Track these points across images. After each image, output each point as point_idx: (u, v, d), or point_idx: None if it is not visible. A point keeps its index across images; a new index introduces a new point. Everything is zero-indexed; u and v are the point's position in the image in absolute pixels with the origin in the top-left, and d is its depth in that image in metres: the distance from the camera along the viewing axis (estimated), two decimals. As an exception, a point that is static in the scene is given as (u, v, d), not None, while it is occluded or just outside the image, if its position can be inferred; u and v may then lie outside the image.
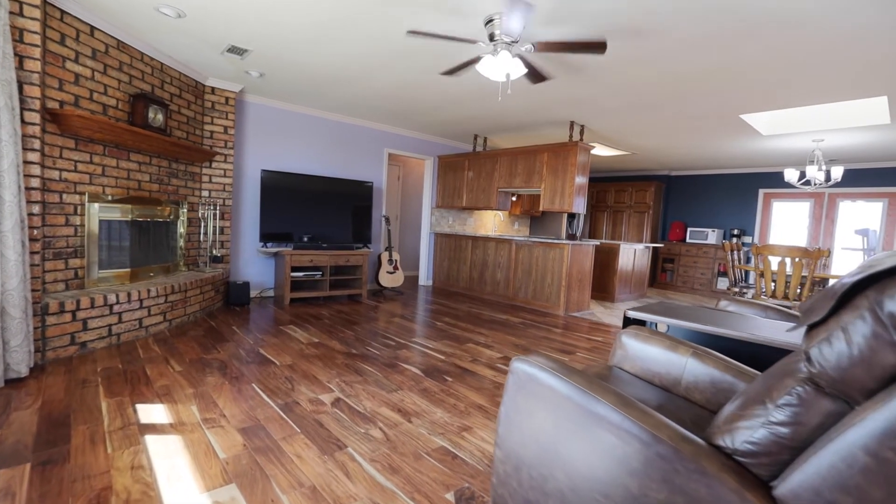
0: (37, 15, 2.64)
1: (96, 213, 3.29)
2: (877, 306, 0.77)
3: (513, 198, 8.09)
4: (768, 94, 3.97)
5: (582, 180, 5.44)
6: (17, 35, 2.59)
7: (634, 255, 6.82)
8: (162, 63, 3.85)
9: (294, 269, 5.05)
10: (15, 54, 2.56)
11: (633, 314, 2.09)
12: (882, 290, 0.77)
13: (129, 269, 3.60)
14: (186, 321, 3.90)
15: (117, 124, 3.20)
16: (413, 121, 5.92)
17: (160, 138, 3.60)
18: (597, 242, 5.99)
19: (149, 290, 3.40)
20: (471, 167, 6.73)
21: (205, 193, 4.56)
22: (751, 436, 0.91)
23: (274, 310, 4.66)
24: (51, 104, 2.93)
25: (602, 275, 6.61)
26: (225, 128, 4.64)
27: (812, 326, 0.90)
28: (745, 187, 8.05)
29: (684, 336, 2.05)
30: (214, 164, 4.61)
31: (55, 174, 3.00)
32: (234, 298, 4.68)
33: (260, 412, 2.24)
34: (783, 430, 0.86)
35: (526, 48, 2.92)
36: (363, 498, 1.60)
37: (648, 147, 6.58)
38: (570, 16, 2.70)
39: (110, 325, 3.13)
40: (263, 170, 4.98)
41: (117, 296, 3.15)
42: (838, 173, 5.47)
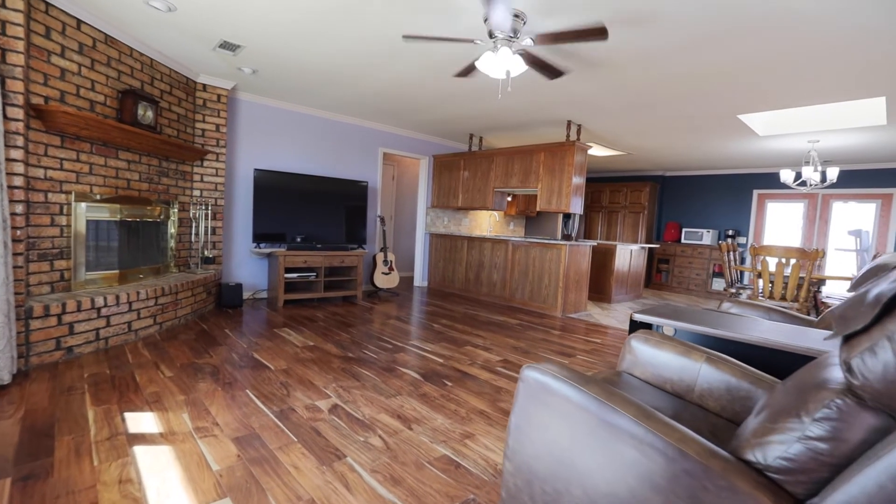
0: (20, 6, 2.54)
1: (83, 213, 3.19)
2: (928, 315, 0.71)
3: (508, 198, 8.04)
4: (767, 95, 3.95)
5: (579, 180, 5.40)
6: (0, 27, 2.48)
7: (631, 256, 6.79)
8: (152, 59, 3.74)
9: (288, 271, 4.96)
10: (-3, 47, 2.46)
11: (640, 317, 2.04)
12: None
13: (118, 271, 3.49)
14: (177, 324, 3.80)
15: (105, 121, 3.10)
16: (408, 120, 5.85)
17: (150, 136, 3.50)
18: (594, 243, 5.95)
19: (138, 293, 3.30)
20: (466, 167, 6.67)
21: (196, 193, 4.46)
22: (785, 451, 0.85)
23: (267, 312, 4.57)
24: (35, 100, 2.82)
25: (598, 275, 6.58)
26: (217, 126, 4.54)
27: (850, 335, 0.84)
28: (740, 188, 8.07)
29: (690, 340, 2.00)
30: (206, 163, 4.50)
31: (40, 172, 2.89)
32: (227, 300, 4.58)
33: (254, 420, 2.16)
34: (821, 446, 0.81)
35: (526, 42, 2.86)
36: (364, 511, 1.53)
37: (645, 147, 6.56)
38: (569, 6, 2.64)
39: (98, 329, 3.02)
40: (256, 169, 4.88)
41: (105, 298, 3.05)
42: (834, 174, 5.48)
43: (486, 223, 8.04)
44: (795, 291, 4.73)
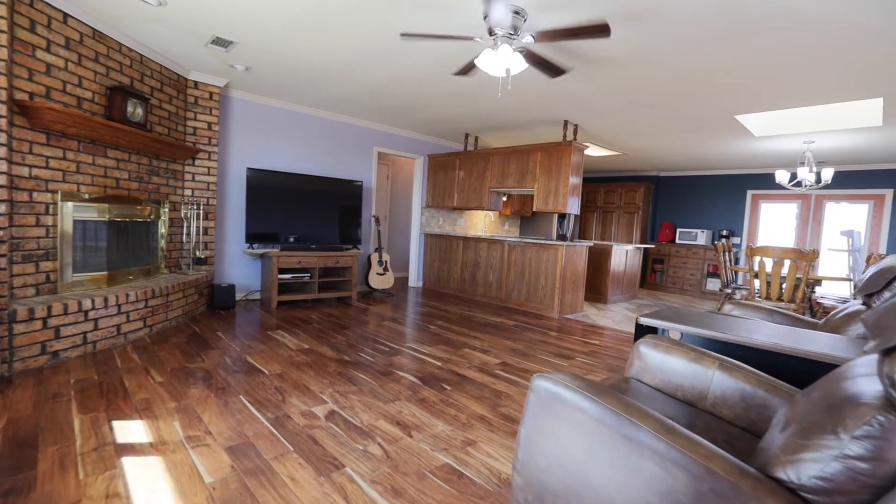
0: (3, -2, 2.44)
1: (70, 213, 3.08)
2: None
3: (503, 198, 7.99)
4: (765, 95, 3.94)
5: (576, 181, 5.36)
6: (-19, 19, 2.38)
7: (626, 256, 6.78)
8: (142, 55, 3.64)
9: (281, 271, 4.87)
10: (-22, 40, 2.36)
11: (646, 321, 1.99)
12: None
13: (106, 273, 3.39)
14: (168, 327, 3.70)
15: (93, 118, 3.00)
16: (404, 119, 5.78)
17: (140, 134, 3.40)
18: (590, 243, 5.92)
19: (127, 295, 3.20)
20: (462, 167, 6.61)
21: (188, 192, 4.36)
22: (821, 470, 0.80)
23: (261, 313, 4.48)
24: (19, 95, 2.71)
25: (594, 276, 6.55)
26: (209, 124, 4.44)
27: (891, 347, 0.79)
28: (734, 188, 8.10)
29: (698, 344, 1.96)
30: (198, 162, 4.40)
31: (24, 171, 2.79)
32: (219, 302, 4.48)
33: (248, 428, 2.09)
34: (862, 466, 0.76)
35: (526, 40, 2.81)
36: (365, 526, 1.47)
37: (641, 147, 6.55)
38: (569, 2, 2.59)
39: (85, 333, 2.93)
40: (249, 168, 4.79)
41: (93, 301, 2.95)
42: (829, 175, 5.49)
43: (482, 223, 7.99)
44: (792, 292, 4.73)
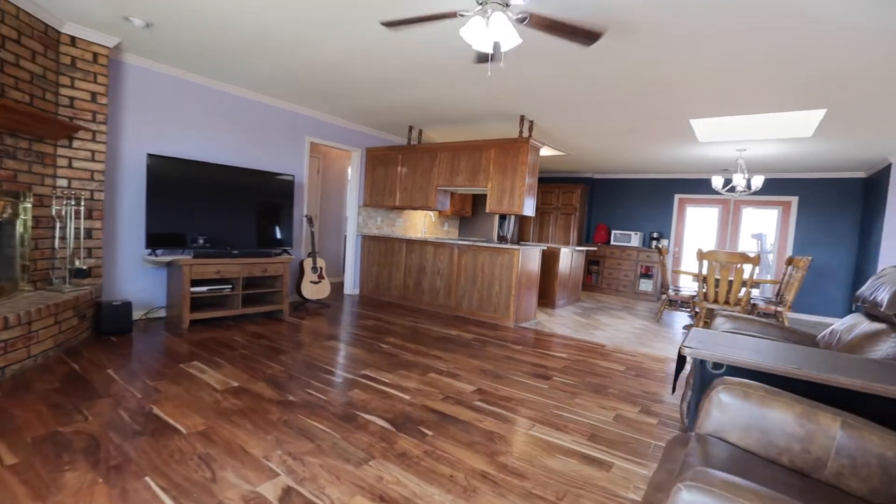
0: None
1: None
2: None
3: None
4: (719, 100, 3.91)
5: (532, 180, 5.07)
6: None
7: (572, 259, 6.68)
8: (-13, -9, 2.63)
9: (195, 283, 3.97)
10: None
11: (695, 353, 1.63)
12: None
13: (-71, 295, 2.37)
14: (31, 366, 2.73)
15: None
16: (343, 106, 5.09)
17: (-17, 99, 2.43)
18: (544, 247, 5.69)
19: (-37, 327, 2.24)
20: (405, 162, 6.05)
21: (62, 182, 3.33)
22: None
23: (167, 338, 3.58)
24: None
25: (543, 280, 6.35)
26: (93, 95, 3.44)
27: None
28: (663, 192, 8.43)
29: (754, 378, 1.64)
30: (77, 143, 3.39)
31: None
32: (110, 325, 3.50)
33: (163, 535, 1.40)
34: None
35: (519, 16, 2.37)
36: None
37: (586, 148, 6.46)
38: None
39: None
40: (151, 154, 3.83)
41: None
42: (759, 182, 5.78)
43: (421, 223, 7.49)
44: (738, 295, 4.85)
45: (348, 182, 7.09)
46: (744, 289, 4.95)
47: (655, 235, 8.33)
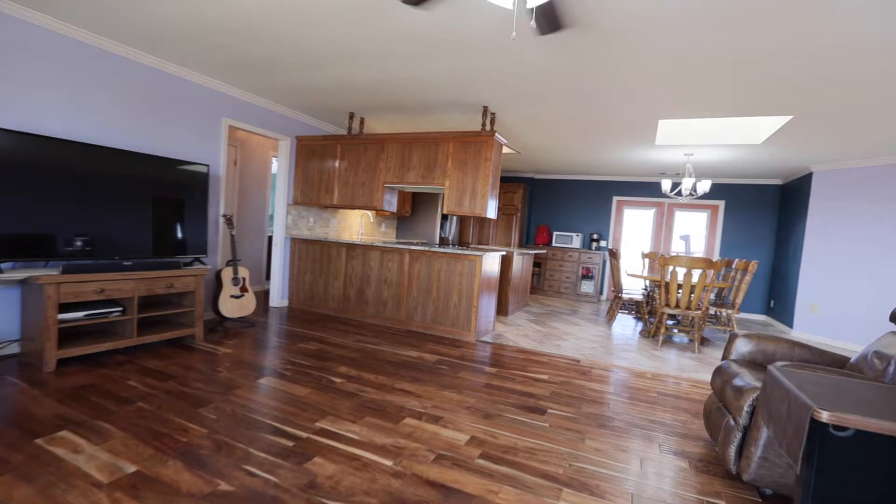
0: None
1: None
2: None
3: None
4: (687, 101, 3.74)
5: (495, 180, 4.57)
6: None
7: (522, 263, 6.33)
8: None
9: (66, 308, 2.89)
10: None
11: (836, 419, 1.18)
12: None
13: None
14: None
15: None
16: (270, 82, 4.17)
17: None
18: (503, 251, 5.23)
19: None
20: (345, 155, 5.24)
21: None
22: None
23: (20, 389, 2.50)
24: None
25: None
26: None
27: None
28: (601, 194, 8.44)
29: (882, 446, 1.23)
30: None
31: None
32: (-81, 376, 2.36)
33: None
34: None
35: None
36: None
37: (537, 146, 6.12)
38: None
39: None
40: (-9, 127, 2.70)
41: None
42: (706, 186, 5.84)
43: (357, 224, 6.69)
44: (699, 300, 4.77)
45: (272, 175, 6.09)
46: (703, 293, 4.90)
47: (595, 237, 8.32)
